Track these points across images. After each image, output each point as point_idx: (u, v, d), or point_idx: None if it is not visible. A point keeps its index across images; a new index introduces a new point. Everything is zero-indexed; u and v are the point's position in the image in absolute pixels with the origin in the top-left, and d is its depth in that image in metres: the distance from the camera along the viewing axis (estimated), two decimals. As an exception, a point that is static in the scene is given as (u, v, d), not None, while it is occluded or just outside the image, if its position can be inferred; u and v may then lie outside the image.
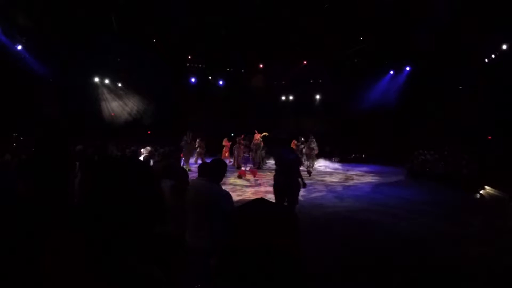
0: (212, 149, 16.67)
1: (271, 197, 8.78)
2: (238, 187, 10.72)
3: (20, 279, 1.06)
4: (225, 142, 16.84)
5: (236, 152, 15.41)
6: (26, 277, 1.05)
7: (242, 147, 15.63)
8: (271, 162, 16.18)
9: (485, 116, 14.16)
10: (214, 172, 3.57)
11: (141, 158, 8.08)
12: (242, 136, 15.77)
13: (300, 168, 6.54)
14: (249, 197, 9.20)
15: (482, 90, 13.93)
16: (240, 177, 12.68)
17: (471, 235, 6.52)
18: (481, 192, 10.21)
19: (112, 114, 19.73)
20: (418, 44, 14.05)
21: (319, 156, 17.96)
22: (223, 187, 3.63)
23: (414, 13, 12.91)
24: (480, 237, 6.39)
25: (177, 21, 14.51)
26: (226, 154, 16.97)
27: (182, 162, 13.86)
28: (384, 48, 16.47)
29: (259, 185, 11.30)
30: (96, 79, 18.89)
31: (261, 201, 3.43)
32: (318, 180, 12.63)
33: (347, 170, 15.76)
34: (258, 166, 15.36)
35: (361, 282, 4.59)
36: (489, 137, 15.32)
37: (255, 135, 15.82)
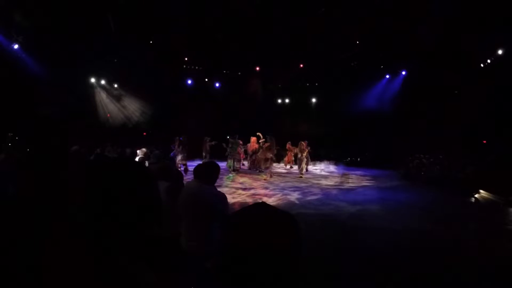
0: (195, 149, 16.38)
1: (266, 200, 8.80)
2: (233, 190, 10.69)
3: (20, 279, 1.05)
4: (288, 146, 16.53)
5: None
6: (25, 277, 1.04)
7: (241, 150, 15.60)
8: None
9: (485, 118, 14.14)
10: (207, 174, 3.56)
11: (136, 159, 8.09)
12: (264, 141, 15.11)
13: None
14: (244, 199, 9.19)
15: (483, 91, 13.86)
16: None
17: (468, 238, 6.57)
18: (476, 196, 10.27)
19: (108, 115, 19.66)
20: (417, 45, 14.06)
21: (315, 159, 18.03)
22: (219, 189, 3.62)
23: (413, 14, 12.86)
24: (476, 239, 6.44)
25: (175, 22, 14.50)
26: (287, 159, 16.92)
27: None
28: (381, 51, 16.51)
29: (255, 188, 11.29)
30: (93, 80, 18.81)
31: (262, 205, 3.42)
32: (313, 183, 12.63)
33: (343, 174, 15.78)
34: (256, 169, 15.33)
35: (358, 282, 4.58)
36: (484, 142, 15.35)
37: (252, 138, 15.82)
